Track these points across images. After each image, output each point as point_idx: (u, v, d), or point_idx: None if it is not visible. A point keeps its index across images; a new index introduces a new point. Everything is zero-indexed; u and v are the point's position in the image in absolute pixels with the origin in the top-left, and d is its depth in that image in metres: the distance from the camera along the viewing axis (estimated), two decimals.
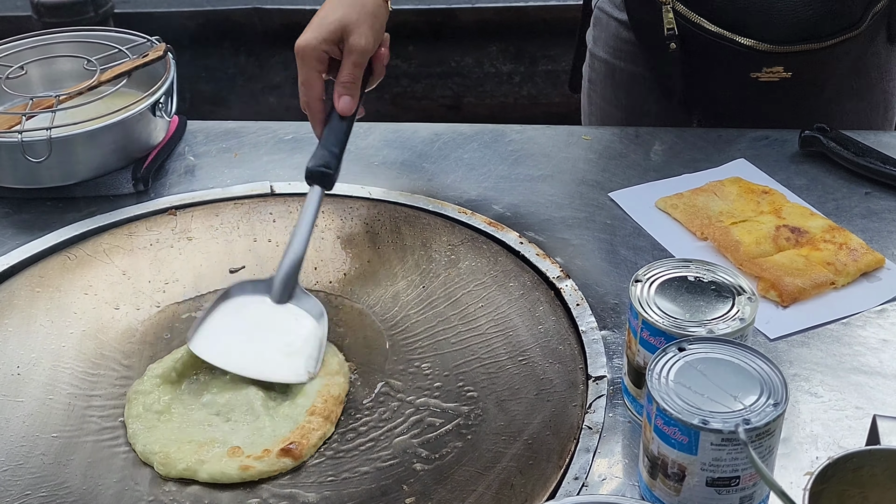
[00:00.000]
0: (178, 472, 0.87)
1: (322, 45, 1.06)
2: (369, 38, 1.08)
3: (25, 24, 2.39)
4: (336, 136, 1.07)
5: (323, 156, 1.06)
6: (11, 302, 1.06)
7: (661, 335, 0.82)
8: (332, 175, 1.06)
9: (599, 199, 1.19)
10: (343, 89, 1.08)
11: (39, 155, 1.15)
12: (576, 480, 0.84)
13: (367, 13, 1.08)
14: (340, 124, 1.08)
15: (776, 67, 1.26)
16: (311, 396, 0.93)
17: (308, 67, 1.07)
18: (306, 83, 1.08)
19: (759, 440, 0.72)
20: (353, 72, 1.08)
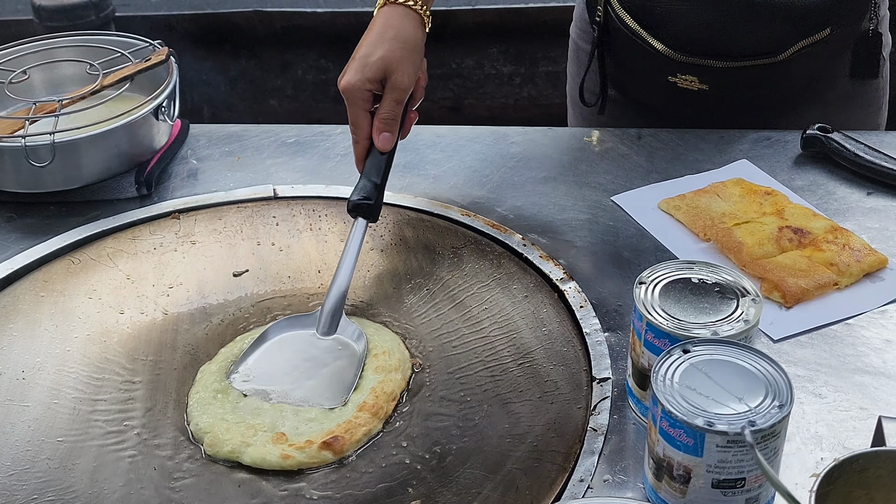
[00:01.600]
0: (225, 453, 0.89)
1: (367, 86, 1.08)
2: (411, 75, 1.10)
3: (27, 28, 2.39)
4: (377, 169, 1.09)
5: (365, 188, 1.08)
6: (16, 306, 1.06)
7: (666, 337, 0.82)
8: (375, 206, 1.08)
9: (602, 201, 1.20)
10: (383, 125, 1.10)
11: (43, 159, 1.16)
12: (581, 482, 0.84)
13: (409, 49, 1.10)
14: (381, 157, 1.10)
15: (689, 77, 1.31)
16: (364, 392, 0.95)
17: (356, 107, 1.09)
18: (356, 123, 1.10)
19: (764, 442, 0.72)
20: (393, 108, 1.10)
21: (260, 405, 0.94)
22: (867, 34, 1.31)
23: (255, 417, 0.93)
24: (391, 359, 0.98)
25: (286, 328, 1.02)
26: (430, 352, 1.00)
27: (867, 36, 1.31)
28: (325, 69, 2.58)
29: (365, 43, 1.11)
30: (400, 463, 0.88)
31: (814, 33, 1.27)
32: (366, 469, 0.88)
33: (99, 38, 1.37)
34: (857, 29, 1.31)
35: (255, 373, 0.98)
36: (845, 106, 1.37)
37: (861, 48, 1.32)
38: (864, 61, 1.33)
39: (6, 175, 1.20)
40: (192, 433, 0.92)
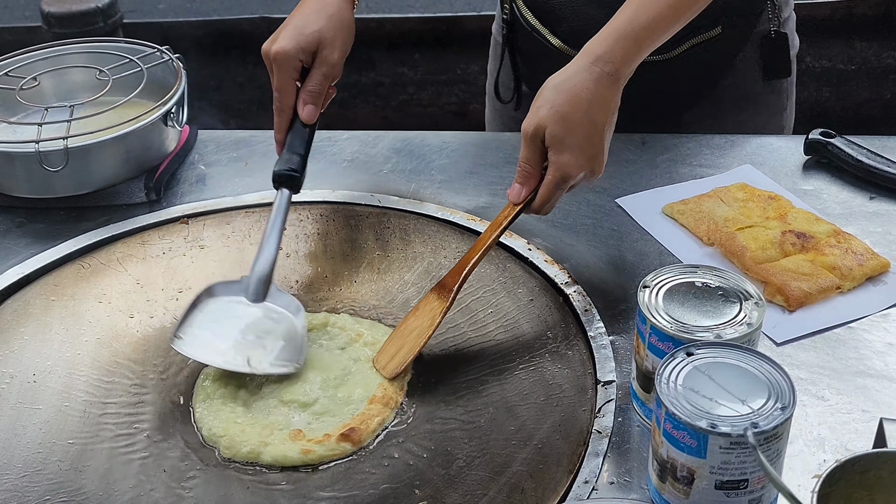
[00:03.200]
0: (244, 455, 0.90)
1: (300, 55, 1.10)
2: (340, 53, 1.12)
3: (36, 35, 2.41)
4: (301, 140, 1.11)
5: (290, 159, 1.10)
6: (27, 310, 1.08)
7: (670, 340, 0.83)
8: (299, 178, 1.10)
9: (606, 206, 1.20)
10: (310, 97, 1.11)
11: (56, 164, 1.17)
12: (586, 484, 0.85)
13: (343, 28, 1.13)
14: (304, 130, 1.12)
15: None
16: (371, 386, 0.96)
17: (285, 75, 1.11)
18: (282, 90, 1.11)
19: (767, 444, 0.73)
20: (321, 83, 1.12)
21: (268, 404, 0.95)
22: (770, 35, 1.32)
23: (266, 417, 0.94)
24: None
25: (217, 294, 1.03)
26: (435, 355, 1.01)
27: (771, 37, 1.32)
28: None
29: (300, 15, 1.13)
30: (406, 464, 0.89)
31: (704, 32, 1.28)
32: (372, 470, 0.89)
33: (107, 45, 1.39)
34: (755, 29, 1.32)
35: (199, 339, 0.99)
36: (744, 107, 1.38)
37: (767, 49, 1.33)
38: (773, 62, 1.34)
39: (17, 180, 1.22)
40: (203, 438, 0.93)
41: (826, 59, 2.62)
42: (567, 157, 0.99)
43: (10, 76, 1.31)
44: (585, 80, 1.00)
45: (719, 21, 1.28)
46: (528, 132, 1.00)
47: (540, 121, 0.99)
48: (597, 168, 1.02)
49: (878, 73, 2.63)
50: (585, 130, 0.99)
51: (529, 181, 1.02)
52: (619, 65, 1.01)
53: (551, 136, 0.99)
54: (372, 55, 2.60)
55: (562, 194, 1.02)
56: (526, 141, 1.01)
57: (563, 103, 0.99)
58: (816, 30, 2.57)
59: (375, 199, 1.23)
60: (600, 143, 1.01)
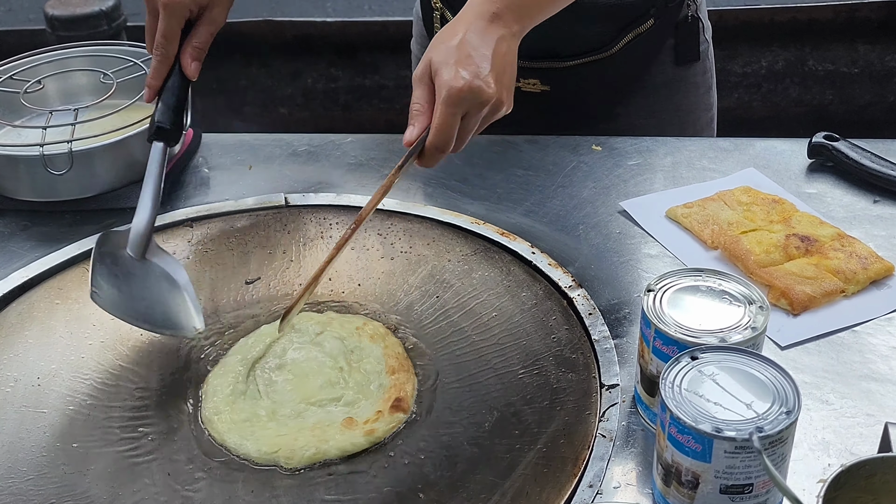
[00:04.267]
0: (308, 458, 0.90)
1: (191, 6, 1.12)
2: (224, 16, 1.16)
3: (40, 38, 2.41)
4: (179, 96, 1.13)
5: (166, 113, 1.11)
6: (31, 313, 1.08)
7: (674, 344, 0.83)
8: (174, 130, 1.11)
9: (610, 209, 1.21)
10: (197, 53, 1.13)
11: (60, 168, 1.17)
12: (590, 488, 0.85)
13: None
14: (184, 83, 1.13)
15: (532, 80, 1.35)
16: (378, 359, 0.99)
17: (174, 21, 1.12)
18: (169, 36, 1.12)
19: (772, 448, 0.73)
20: (207, 40, 1.14)
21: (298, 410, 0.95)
22: (686, 20, 1.36)
23: (306, 420, 0.94)
24: (377, 328, 1.03)
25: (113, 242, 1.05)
26: (439, 359, 1.01)
27: (686, 22, 1.36)
28: (335, 78, 2.59)
29: None
30: (409, 468, 0.89)
31: (638, 25, 1.31)
32: (375, 474, 0.89)
33: (112, 48, 1.39)
34: (677, 16, 1.35)
35: (111, 295, 1.01)
36: (672, 90, 1.40)
37: (681, 34, 1.36)
38: (686, 46, 1.37)
39: (22, 184, 1.22)
40: (248, 457, 0.91)
41: (829, 62, 2.63)
42: (448, 74, 0.96)
43: (14, 79, 1.32)
44: (466, 16, 1.01)
45: (650, 14, 1.31)
46: (417, 73, 1.00)
47: (427, 56, 0.99)
48: (486, 90, 0.96)
49: (881, 76, 2.63)
50: (465, 51, 0.97)
51: (420, 119, 0.99)
52: (499, 4, 1.01)
53: (435, 63, 0.97)
54: (375, 58, 2.60)
55: (457, 125, 0.97)
56: (415, 82, 1.00)
57: (446, 36, 1.00)
58: (819, 33, 2.57)
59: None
60: (486, 66, 0.97)
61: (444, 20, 1.36)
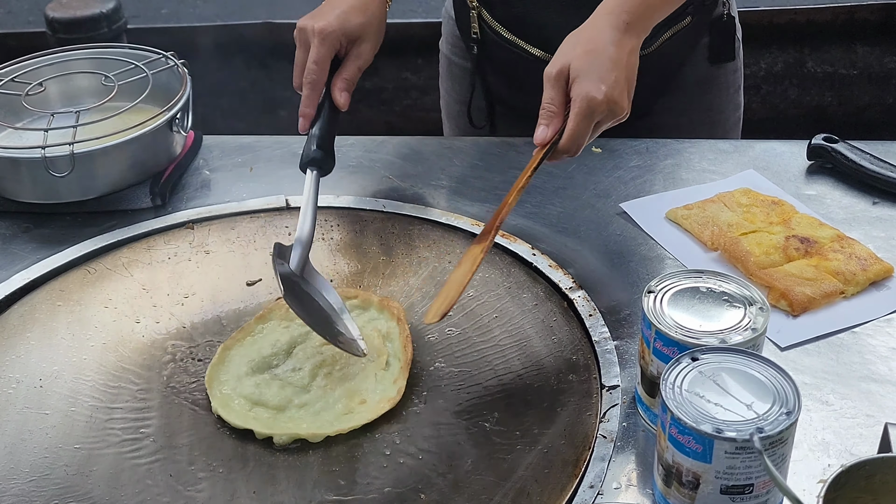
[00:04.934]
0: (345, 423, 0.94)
1: (343, 39, 1.13)
2: (374, 51, 1.17)
3: (40, 40, 2.41)
4: (331, 125, 1.13)
5: (320, 141, 1.11)
6: (33, 315, 1.08)
7: (675, 345, 0.83)
8: (330, 161, 1.11)
9: (610, 210, 1.21)
10: (346, 85, 1.14)
11: (62, 170, 1.18)
12: (591, 489, 0.85)
13: (381, 28, 1.18)
14: (333, 114, 1.14)
15: None
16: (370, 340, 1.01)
17: (326, 50, 1.12)
18: (321, 63, 1.12)
19: (772, 448, 0.73)
20: (355, 74, 1.15)
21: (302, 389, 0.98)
22: (721, 18, 1.36)
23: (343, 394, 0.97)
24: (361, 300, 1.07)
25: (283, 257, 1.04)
26: (440, 359, 1.02)
27: (721, 20, 1.36)
28: None
29: (341, 5, 1.15)
30: (410, 469, 0.90)
31: (675, 24, 1.31)
32: (377, 475, 0.89)
33: (113, 51, 1.39)
34: (712, 15, 1.35)
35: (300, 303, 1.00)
36: (705, 89, 1.41)
37: (716, 33, 1.37)
38: (721, 45, 1.38)
39: (23, 186, 1.22)
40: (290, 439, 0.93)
41: (828, 63, 2.63)
42: (590, 85, 1.00)
43: (16, 82, 1.32)
44: (603, 27, 1.05)
45: (688, 11, 1.31)
46: (553, 73, 1.03)
47: (564, 61, 1.02)
48: (619, 103, 1.02)
49: (879, 78, 2.63)
50: (606, 65, 1.02)
51: (554, 121, 1.02)
52: (631, 14, 1.06)
53: (575, 69, 1.01)
54: (375, 60, 2.60)
55: (589, 133, 1.02)
56: (550, 82, 1.03)
57: (584, 43, 1.03)
58: (818, 35, 2.58)
59: (380, 204, 1.23)
60: (622, 78, 1.02)
61: (480, 19, 1.36)
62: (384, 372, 0.98)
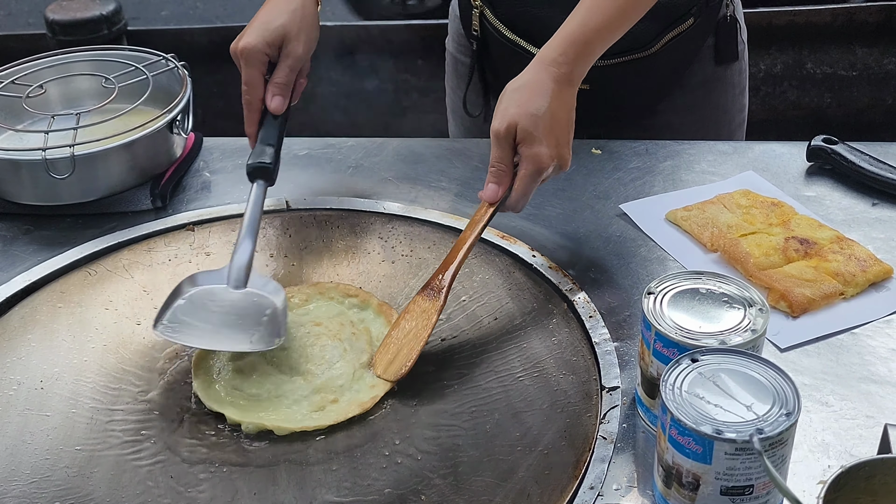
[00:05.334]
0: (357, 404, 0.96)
1: (265, 49, 1.14)
2: (307, 45, 1.17)
3: (40, 42, 2.42)
4: (272, 133, 1.14)
5: (263, 151, 1.12)
6: (34, 317, 1.08)
7: (675, 346, 0.83)
8: (273, 169, 1.12)
9: (610, 212, 1.21)
10: (278, 89, 1.15)
11: (63, 172, 1.18)
12: (591, 490, 0.85)
13: (307, 24, 1.17)
14: (275, 122, 1.15)
15: None
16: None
17: (253, 69, 1.14)
18: (250, 83, 1.15)
19: (772, 449, 0.73)
20: (288, 74, 1.16)
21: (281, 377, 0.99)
22: (725, 20, 1.37)
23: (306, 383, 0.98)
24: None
25: (199, 283, 1.04)
26: (440, 361, 1.02)
27: (725, 21, 1.37)
28: (335, 82, 2.60)
29: (264, 11, 1.16)
30: (411, 470, 0.90)
31: (678, 24, 1.32)
32: (377, 476, 0.90)
33: (113, 53, 1.39)
34: (717, 16, 1.36)
35: (182, 325, 1.00)
36: (710, 90, 1.41)
37: (721, 34, 1.37)
38: (725, 46, 1.39)
39: (24, 188, 1.22)
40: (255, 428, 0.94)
41: (827, 65, 2.63)
42: (538, 148, 1.04)
43: (16, 84, 1.32)
44: (544, 80, 1.07)
45: (691, 12, 1.32)
46: (501, 132, 1.04)
47: (511, 119, 1.04)
48: (563, 159, 1.06)
49: (878, 79, 2.63)
50: (550, 123, 1.05)
51: (504, 180, 1.06)
52: (572, 66, 1.08)
53: (522, 130, 1.04)
54: (374, 62, 2.61)
55: (535, 188, 1.06)
56: (498, 141, 1.05)
57: (528, 101, 1.05)
58: (817, 36, 2.58)
59: (380, 205, 1.23)
60: (565, 136, 1.06)
61: (483, 18, 1.37)
62: (364, 371, 0.99)
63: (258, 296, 1.04)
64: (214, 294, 1.03)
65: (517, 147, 1.04)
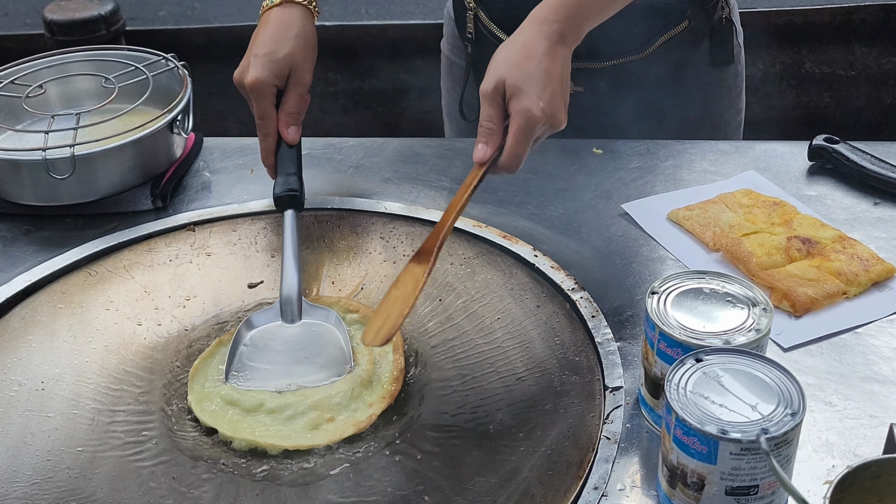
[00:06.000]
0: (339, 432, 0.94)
1: (274, 81, 1.14)
2: (311, 70, 1.17)
3: (38, 43, 2.41)
4: (291, 161, 1.15)
5: (287, 181, 1.13)
6: (34, 318, 1.08)
7: (679, 346, 0.83)
8: (300, 196, 1.13)
9: (612, 212, 1.21)
10: (291, 119, 1.15)
11: (63, 172, 1.17)
12: (595, 490, 0.85)
13: (310, 47, 1.18)
14: (291, 150, 1.16)
15: None
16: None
17: (264, 102, 1.14)
18: (264, 116, 1.15)
19: (777, 449, 0.73)
20: (298, 102, 1.16)
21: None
22: (721, 22, 1.37)
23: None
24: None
25: (255, 324, 1.04)
26: (442, 361, 1.01)
27: (721, 24, 1.37)
28: (334, 81, 2.60)
29: (266, 40, 1.15)
30: (414, 471, 0.90)
31: (673, 27, 1.32)
32: (380, 477, 0.89)
33: (113, 52, 1.39)
34: (712, 18, 1.36)
35: (251, 370, 1.00)
36: (707, 93, 1.41)
37: (716, 37, 1.37)
38: (721, 49, 1.38)
39: (24, 188, 1.22)
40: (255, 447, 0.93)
41: (826, 64, 2.63)
42: (527, 101, 1.00)
43: (15, 84, 1.32)
44: (535, 37, 1.04)
45: (685, 15, 1.32)
46: (489, 89, 1.02)
47: (499, 76, 1.01)
48: (556, 115, 1.02)
49: (877, 79, 2.64)
50: (541, 78, 1.01)
51: (493, 138, 1.02)
52: (563, 24, 1.05)
53: (511, 86, 1.00)
54: (373, 62, 2.60)
55: (528, 148, 1.02)
56: (486, 99, 1.02)
57: (517, 57, 1.02)
58: (816, 35, 2.58)
59: (381, 205, 1.23)
60: (557, 91, 1.02)
61: (477, 20, 1.37)
62: (362, 389, 0.97)
63: (315, 325, 1.03)
64: (273, 333, 1.03)
65: (507, 105, 1.01)
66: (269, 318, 1.04)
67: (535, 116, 0.99)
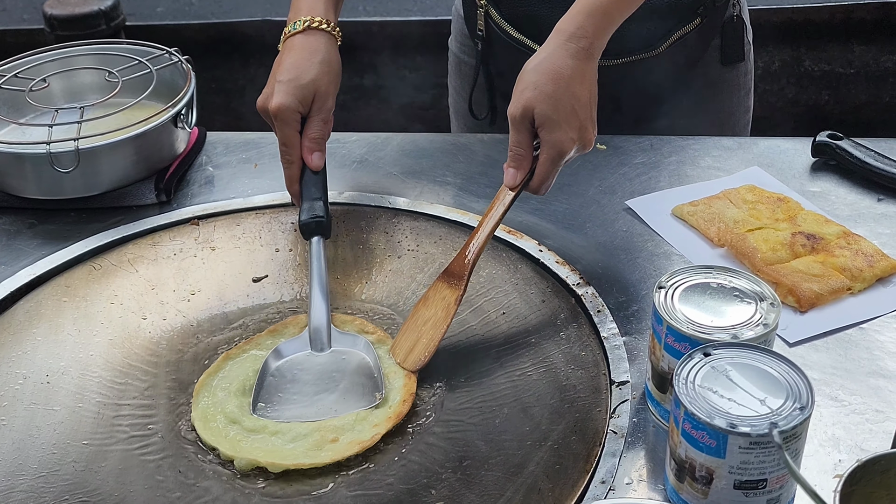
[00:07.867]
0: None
1: (298, 108, 1.12)
2: (335, 95, 1.16)
3: (39, 37, 2.41)
4: (316, 187, 1.13)
5: (312, 207, 1.11)
6: (39, 311, 1.08)
7: (687, 341, 0.83)
8: (327, 222, 1.10)
9: (616, 207, 1.21)
10: (315, 145, 1.13)
11: (67, 166, 1.17)
12: (602, 484, 0.85)
13: (334, 74, 1.16)
14: (316, 176, 1.13)
15: None
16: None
17: (289, 128, 1.12)
18: (289, 143, 1.13)
19: (786, 443, 0.73)
20: (322, 128, 1.14)
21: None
22: (731, 20, 1.36)
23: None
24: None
25: (284, 354, 1.01)
26: (448, 356, 1.01)
27: (732, 21, 1.37)
28: None
29: (290, 66, 1.14)
30: (421, 466, 0.90)
31: (685, 24, 1.31)
32: (388, 472, 0.89)
33: (116, 47, 1.39)
34: (723, 16, 1.36)
35: (278, 401, 0.97)
36: (716, 91, 1.41)
37: (727, 34, 1.37)
38: (732, 47, 1.38)
39: (28, 182, 1.22)
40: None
41: (825, 62, 2.64)
42: (559, 133, 1.01)
43: (19, 77, 1.31)
44: (563, 58, 1.03)
45: (697, 12, 1.31)
46: (517, 115, 1.02)
47: (527, 102, 1.01)
48: (587, 140, 1.04)
49: (876, 77, 2.64)
50: (571, 105, 1.01)
51: (523, 164, 1.03)
52: (591, 39, 1.04)
53: (540, 115, 1.01)
54: (373, 58, 2.60)
55: (558, 171, 1.03)
56: (515, 124, 1.02)
57: (546, 82, 1.01)
58: (815, 33, 2.58)
59: (386, 200, 1.23)
60: (587, 116, 1.03)
61: (488, 17, 1.36)
62: (368, 412, 0.95)
63: (345, 353, 1.01)
64: (301, 363, 1.00)
65: (537, 131, 1.02)
66: (297, 347, 1.01)
67: (566, 147, 1.01)
